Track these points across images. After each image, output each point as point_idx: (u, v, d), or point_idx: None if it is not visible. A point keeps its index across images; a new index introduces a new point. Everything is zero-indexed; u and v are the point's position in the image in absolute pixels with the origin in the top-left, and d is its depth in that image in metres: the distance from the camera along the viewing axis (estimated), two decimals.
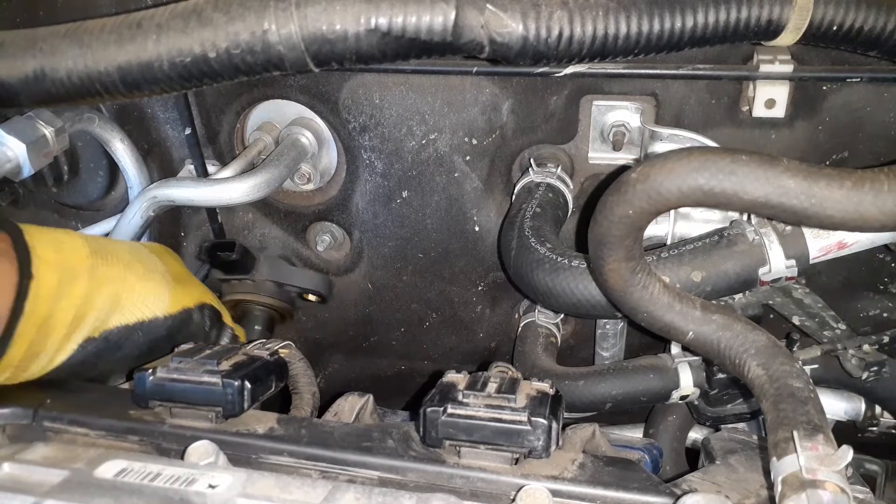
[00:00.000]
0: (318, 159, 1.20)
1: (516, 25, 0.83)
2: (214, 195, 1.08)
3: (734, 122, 1.08)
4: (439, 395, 0.73)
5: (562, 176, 1.13)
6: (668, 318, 0.82)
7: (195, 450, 0.68)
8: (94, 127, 1.14)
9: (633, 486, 0.69)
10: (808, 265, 0.96)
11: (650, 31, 0.85)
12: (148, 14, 0.83)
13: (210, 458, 0.67)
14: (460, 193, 1.18)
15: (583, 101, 1.11)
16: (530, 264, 1.00)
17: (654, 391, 1.09)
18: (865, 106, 1.04)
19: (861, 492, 0.71)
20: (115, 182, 1.25)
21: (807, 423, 0.65)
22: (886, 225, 0.70)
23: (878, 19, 0.87)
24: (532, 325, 1.24)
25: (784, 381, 0.71)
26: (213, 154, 1.22)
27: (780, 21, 0.88)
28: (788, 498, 0.59)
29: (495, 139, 1.13)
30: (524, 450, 0.69)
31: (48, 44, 0.84)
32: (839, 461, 0.60)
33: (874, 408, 1.15)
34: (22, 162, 1.01)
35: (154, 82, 0.84)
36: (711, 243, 0.97)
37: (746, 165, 0.70)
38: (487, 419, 0.70)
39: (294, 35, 0.80)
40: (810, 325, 1.07)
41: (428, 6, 0.80)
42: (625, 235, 0.76)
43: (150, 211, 1.10)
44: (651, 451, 1.03)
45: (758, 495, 0.72)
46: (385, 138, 1.15)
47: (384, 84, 1.11)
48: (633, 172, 0.73)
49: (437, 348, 1.37)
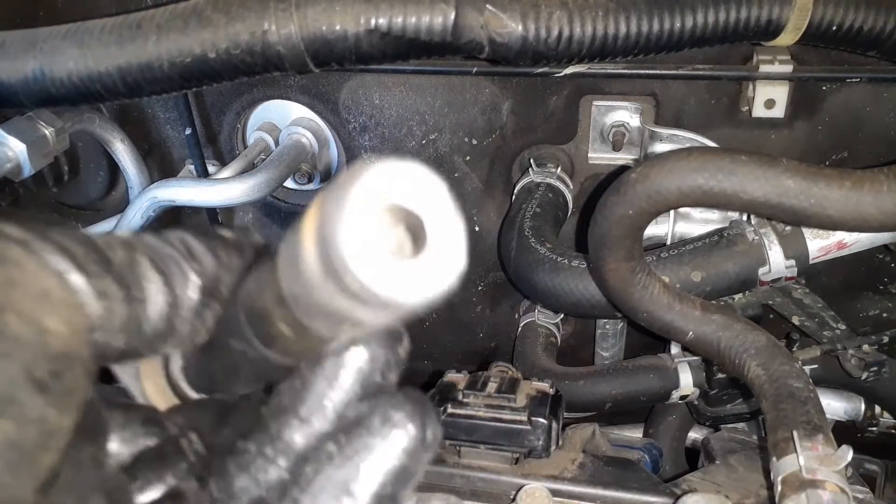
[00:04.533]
0: (318, 159, 1.20)
1: (516, 26, 0.83)
2: (214, 195, 1.08)
3: (734, 123, 1.08)
4: (439, 395, 0.73)
5: (562, 176, 1.13)
6: (668, 318, 0.83)
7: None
8: (95, 127, 1.14)
9: (633, 485, 0.69)
10: (808, 265, 0.96)
11: (650, 31, 0.85)
12: (148, 14, 0.83)
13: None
14: (460, 193, 1.18)
15: (583, 102, 1.11)
16: (530, 264, 1.00)
17: (654, 391, 1.09)
18: (865, 106, 1.04)
19: (861, 492, 0.71)
20: (115, 182, 1.25)
21: (807, 423, 0.65)
22: (886, 225, 0.70)
23: (877, 19, 0.87)
24: (532, 325, 1.24)
25: (784, 381, 0.71)
26: (213, 154, 1.22)
27: (780, 21, 0.88)
28: (788, 498, 0.59)
29: (495, 139, 1.14)
30: (524, 449, 0.69)
31: (48, 44, 0.84)
32: (839, 461, 0.60)
33: (874, 408, 1.15)
34: (22, 162, 1.01)
35: (154, 83, 0.84)
36: (711, 243, 0.98)
37: (746, 165, 0.70)
38: (487, 419, 0.70)
39: (294, 35, 0.80)
40: (810, 325, 1.07)
41: (428, 6, 0.80)
42: (625, 235, 0.77)
43: (150, 211, 1.10)
44: (651, 451, 1.03)
45: (758, 495, 0.72)
46: (385, 138, 1.15)
47: (384, 84, 1.11)
48: (632, 172, 0.73)
49: (437, 348, 1.37)
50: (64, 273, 0.27)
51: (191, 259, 0.31)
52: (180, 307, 0.30)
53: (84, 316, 0.27)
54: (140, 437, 0.34)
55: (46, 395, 0.24)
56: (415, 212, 0.25)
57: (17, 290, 0.25)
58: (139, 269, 0.29)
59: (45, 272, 0.26)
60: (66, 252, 0.27)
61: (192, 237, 0.32)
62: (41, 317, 0.25)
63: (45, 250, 0.27)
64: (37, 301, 0.25)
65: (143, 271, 0.29)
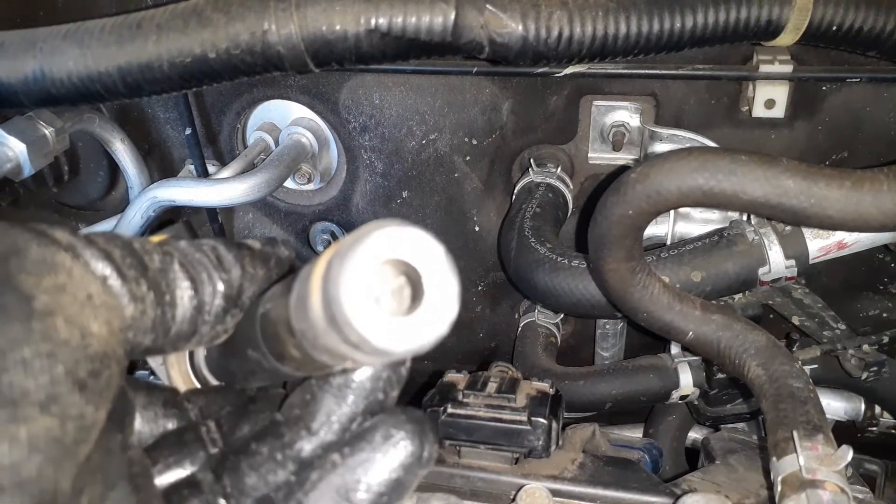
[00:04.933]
0: (318, 159, 1.20)
1: (516, 26, 0.83)
2: (214, 195, 1.08)
3: (734, 123, 1.08)
4: (439, 395, 0.73)
5: (562, 176, 1.13)
6: (668, 318, 0.83)
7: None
8: (95, 127, 1.14)
9: (633, 485, 0.69)
10: (808, 265, 0.96)
11: (650, 31, 0.85)
12: (148, 14, 0.83)
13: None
14: (460, 193, 1.18)
15: (583, 102, 1.11)
16: (530, 264, 1.00)
17: (654, 391, 1.09)
18: (865, 106, 1.04)
19: (861, 492, 0.72)
20: (115, 182, 1.25)
21: (807, 423, 0.65)
22: (886, 225, 0.70)
23: (877, 19, 0.87)
24: (532, 325, 1.24)
25: (784, 381, 0.71)
26: (213, 154, 1.22)
27: (780, 21, 0.88)
28: (788, 498, 0.59)
29: (495, 139, 1.14)
30: (524, 449, 0.69)
31: (48, 44, 0.84)
32: (839, 461, 0.60)
33: (874, 408, 1.15)
34: (22, 162, 1.01)
35: (154, 83, 0.84)
36: (711, 243, 0.98)
37: (746, 165, 0.70)
38: (487, 419, 0.70)
39: (294, 35, 0.80)
40: (810, 325, 1.07)
41: (428, 6, 0.80)
42: (625, 235, 0.77)
43: (150, 211, 1.10)
44: (651, 451, 1.03)
45: (757, 495, 0.72)
46: (385, 138, 1.15)
47: (384, 84, 1.11)
48: (632, 172, 0.74)
49: (437, 348, 1.36)
50: (107, 278, 0.29)
51: (220, 268, 0.34)
52: (205, 312, 0.33)
53: (121, 318, 0.30)
54: (161, 418, 0.37)
55: (86, 393, 0.26)
56: (413, 266, 0.28)
57: (65, 296, 0.27)
58: (171, 275, 0.32)
59: (89, 277, 0.29)
60: (108, 257, 0.30)
61: (224, 246, 0.35)
62: (86, 321, 0.27)
63: (90, 255, 0.29)
64: (82, 305, 0.28)
65: (174, 277, 0.32)
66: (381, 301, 0.28)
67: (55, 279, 0.27)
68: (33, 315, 0.25)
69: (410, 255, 0.27)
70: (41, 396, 0.25)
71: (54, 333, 0.26)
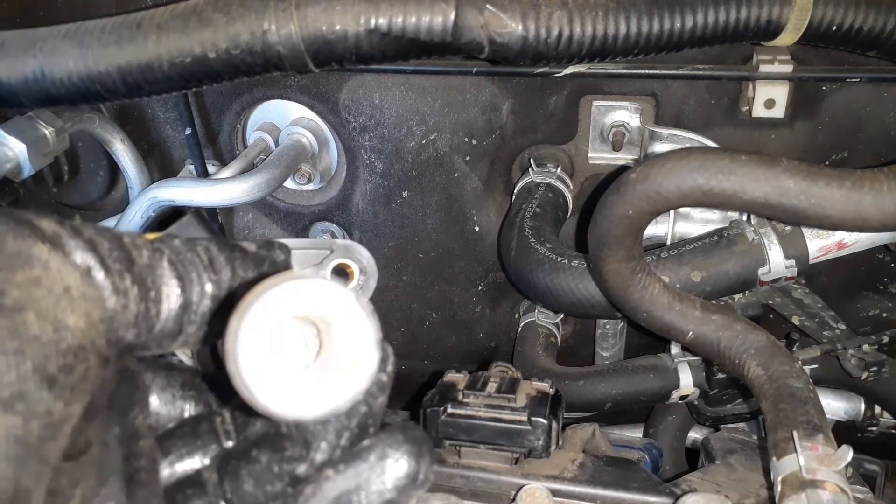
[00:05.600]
0: (318, 159, 1.20)
1: (516, 26, 0.83)
2: (214, 195, 1.08)
3: (734, 123, 1.08)
4: (439, 395, 0.73)
5: (562, 176, 1.13)
6: (667, 318, 0.83)
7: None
8: (95, 127, 1.14)
9: (633, 485, 0.69)
10: (808, 265, 0.96)
11: (650, 32, 0.85)
12: (148, 14, 0.83)
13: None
14: (460, 193, 1.18)
15: (582, 102, 1.11)
16: (530, 264, 1.00)
17: (654, 391, 1.09)
18: (865, 106, 1.04)
19: (861, 492, 0.72)
20: (115, 182, 1.25)
21: (806, 423, 0.65)
22: (886, 225, 0.70)
23: (877, 19, 0.87)
24: (532, 325, 1.24)
25: (784, 381, 0.71)
26: (213, 154, 1.22)
27: (780, 21, 0.88)
28: (788, 498, 0.59)
29: (495, 139, 1.14)
30: (524, 449, 0.69)
31: (48, 44, 0.84)
32: (839, 461, 0.60)
33: (874, 408, 1.15)
34: (22, 162, 1.01)
35: (154, 83, 0.84)
36: (711, 243, 0.98)
37: (746, 165, 0.70)
38: (487, 419, 0.70)
39: (294, 35, 0.80)
40: (810, 325, 1.07)
41: (428, 6, 0.80)
42: (625, 235, 0.77)
43: (150, 211, 1.10)
44: (651, 451, 1.03)
45: (757, 495, 0.72)
46: (385, 138, 1.15)
47: (384, 84, 1.11)
48: (632, 172, 0.74)
49: (437, 348, 1.37)
50: (90, 269, 0.29)
51: (210, 269, 0.33)
52: (191, 311, 0.32)
53: (102, 310, 0.29)
54: (179, 400, 0.37)
55: (55, 389, 0.26)
56: (324, 319, 0.26)
57: (39, 289, 0.26)
58: (159, 272, 0.31)
59: (68, 268, 0.28)
60: (93, 248, 0.29)
61: (217, 247, 0.34)
62: (60, 314, 0.27)
63: (73, 245, 0.29)
64: (58, 299, 0.27)
65: (162, 273, 0.31)
66: (291, 361, 0.26)
67: (29, 273, 0.26)
68: (2, 311, 0.25)
69: (314, 308, 0.26)
70: (5, 395, 0.24)
71: (23, 329, 0.25)
